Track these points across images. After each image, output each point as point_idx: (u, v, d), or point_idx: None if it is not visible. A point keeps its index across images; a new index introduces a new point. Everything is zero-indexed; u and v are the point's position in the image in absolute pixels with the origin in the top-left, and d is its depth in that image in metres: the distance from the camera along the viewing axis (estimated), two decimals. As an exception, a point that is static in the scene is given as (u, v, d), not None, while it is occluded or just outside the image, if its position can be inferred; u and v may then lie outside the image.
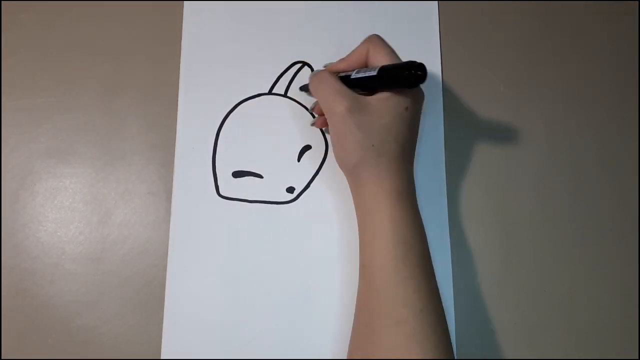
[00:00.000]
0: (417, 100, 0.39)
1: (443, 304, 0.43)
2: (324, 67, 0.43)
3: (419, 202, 0.45)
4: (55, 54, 0.47)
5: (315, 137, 0.46)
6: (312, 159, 0.46)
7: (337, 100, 0.38)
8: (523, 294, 0.45)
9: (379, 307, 0.36)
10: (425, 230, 0.45)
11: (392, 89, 0.38)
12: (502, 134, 0.47)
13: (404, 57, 0.48)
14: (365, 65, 0.40)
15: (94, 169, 0.45)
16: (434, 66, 0.48)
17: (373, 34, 0.41)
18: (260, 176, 0.45)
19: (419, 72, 0.35)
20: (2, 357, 0.41)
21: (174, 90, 0.46)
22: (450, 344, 0.36)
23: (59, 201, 0.44)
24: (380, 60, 0.39)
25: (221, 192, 0.44)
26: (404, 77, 0.35)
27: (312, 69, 0.47)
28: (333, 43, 0.48)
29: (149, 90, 0.46)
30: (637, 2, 0.51)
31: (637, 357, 0.44)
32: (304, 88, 0.46)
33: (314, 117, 0.47)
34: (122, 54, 0.47)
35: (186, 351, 0.42)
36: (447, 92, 0.48)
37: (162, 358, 0.41)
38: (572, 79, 0.49)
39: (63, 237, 0.44)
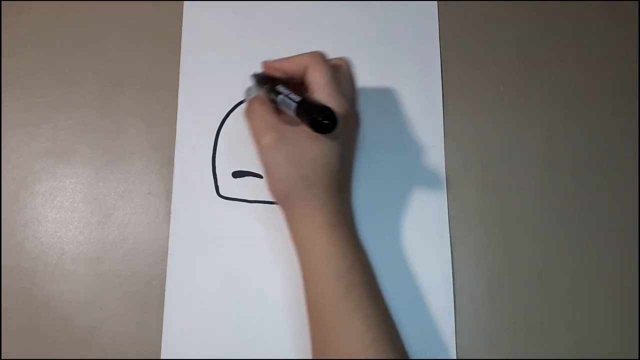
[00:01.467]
0: (349, 128, 0.38)
1: (443, 304, 0.43)
2: (262, 63, 0.41)
3: (418, 202, 0.45)
4: (55, 54, 0.47)
5: (315, 137, 0.46)
6: (312, 159, 0.46)
7: (264, 133, 0.37)
8: (523, 294, 0.44)
9: (330, 344, 0.35)
10: (424, 231, 0.45)
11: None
12: (502, 134, 0.47)
13: (404, 57, 0.48)
14: (302, 77, 0.38)
15: (94, 169, 0.45)
16: (434, 66, 0.48)
17: (317, 52, 0.39)
18: (260, 176, 0.45)
19: (326, 121, 0.33)
20: (2, 357, 0.41)
21: (174, 90, 0.46)
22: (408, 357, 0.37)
23: (59, 201, 0.44)
24: (316, 83, 0.37)
25: (221, 192, 0.44)
26: (311, 120, 0.34)
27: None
28: (333, 43, 0.48)
29: (149, 90, 0.46)
30: (637, 2, 0.51)
31: (637, 357, 0.44)
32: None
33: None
34: (122, 53, 0.47)
35: (186, 351, 0.42)
36: (447, 92, 0.48)
37: (162, 358, 0.41)
38: (572, 79, 0.49)
39: (63, 237, 0.44)
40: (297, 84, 0.39)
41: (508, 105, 0.48)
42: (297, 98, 0.36)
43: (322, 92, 0.37)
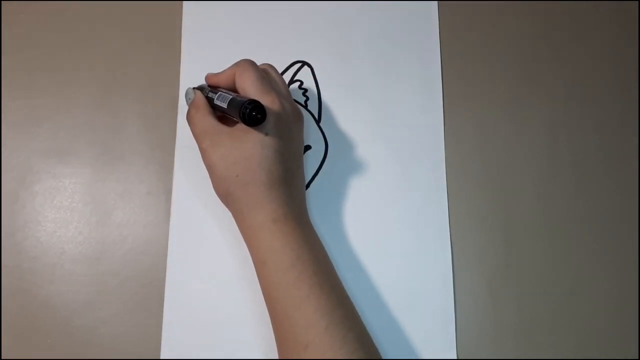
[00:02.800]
0: (283, 122, 0.38)
1: (443, 304, 0.43)
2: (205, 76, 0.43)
3: (418, 202, 0.45)
4: (55, 54, 0.47)
5: (315, 137, 0.46)
6: (312, 159, 0.46)
7: (202, 136, 0.39)
8: (523, 294, 0.44)
9: (286, 335, 0.36)
10: (424, 231, 0.45)
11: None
12: (502, 134, 0.47)
13: (404, 57, 0.48)
14: (234, 86, 0.40)
15: (93, 168, 0.45)
16: (434, 66, 0.48)
17: (243, 59, 0.40)
18: (260, 176, 0.45)
19: (254, 113, 0.35)
20: (2, 357, 0.41)
21: (174, 90, 0.46)
22: (371, 342, 0.37)
23: (58, 201, 0.44)
24: (244, 86, 0.39)
25: (221, 192, 0.44)
26: (240, 114, 0.35)
27: (311, 69, 0.47)
28: (333, 43, 0.48)
29: (149, 90, 0.46)
30: (637, 2, 0.51)
31: (637, 357, 0.44)
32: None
33: (314, 117, 0.47)
34: (122, 54, 0.47)
35: (186, 351, 0.41)
36: (447, 92, 0.48)
37: (161, 358, 0.41)
38: (572, 79, 0.49)
39: (62, 237, 0.44)
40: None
41: (508, 105, 0.48)
42: (232, 94, 0.38)
43: (250, 90, 0.38)
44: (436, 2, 0.50)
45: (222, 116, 0.40)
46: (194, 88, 0.43)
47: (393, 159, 0.46)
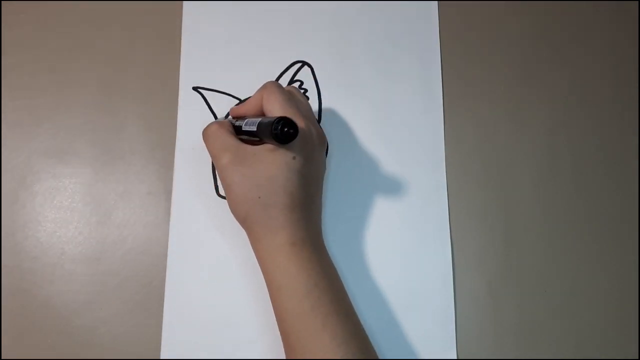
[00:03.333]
0: (309, 146, 0.38)
1: (443, 304, 0.43)
2: (230, 109, 0.43)
3: (418, 202, 0.45)
4: (55, 54, 0.47)
5: (315, 137, 0.46)
6: (312, 159, 0.46)
7: (222, 153, 0.38)
8: (523, 294, 0.44)
9: None
10: (424, 231, 0.45)
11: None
12: (502, 134, 0.47)
13: (404, 57, 0.48)
14: (262, 112, 0.39)
15: (93, 168, 0.45)
16: (434, 66, 0.48)
17: (269, 82, 0.40)
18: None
19: (286, 129, 0.34)
20: (2, 357, 0.41)
21: (174, 90, 0.46)
22: None
23: (58, 201, 0.44)
24: (272, 108, 0.38)
25: (221, 192, 0.44)
26: (272, 131, 0.34)
27: (311, 69, 0.47)
28: (333, 43, 0.48)
29: (149, 90, 0.46)
30: (637, 2, 0.51)
31: (637, 357, 0.44)
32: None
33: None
34: (122, 54, 0.47)
35: (186, 351, 0.41)
36: (447, 92, 0.48)
37: (161, 358, 0.41)
38: (572, 79, 0.49)
39: (62, 237, 0.44)
40: None
41: (508, 105, 0.48)
42: (259, 119, 0.37)
43: (278, 112, 0.38)
44: (436, 2, 0.50)
45: (245, 140, 0.39)
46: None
47: (393, 159, 0.46)
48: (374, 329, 0.42)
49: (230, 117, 0.43)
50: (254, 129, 0.37)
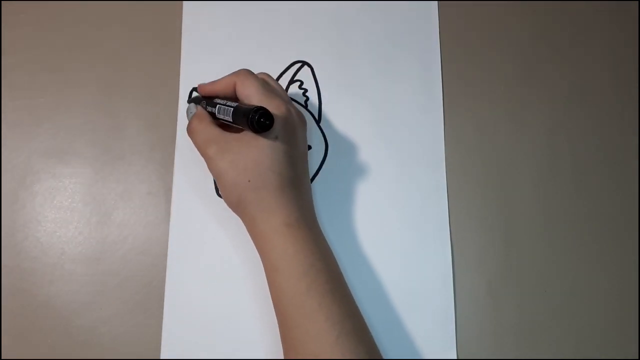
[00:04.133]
0: (290, 126, 0.38)
1: (443, 304, 0.43)
2: (195, 87, 0.44)
3: (418, 202, 0.45)
4: (55, 54, 0.47)
5: (315, 137, 0.46)
6: (312, 159, 0.46)
7: (207, 145, 0.38)
8: (523, 294, 0.44)
9: (295, 344, 0.35)
10: (424, 231, 0.45)
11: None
12: (502, 134, 0.47)
13: (404, 57, 0.48)
14: (234, 96, 0.40)
15: (93, 168, 0.45)
16: (434, 66, 0.48)
17: (242, 69, 0.40)
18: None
19: (262, 120, 0.35)
20: (2, 357, 0.41)
21: (174, 90, 0.46)
22: (380, 355, 0.37)
23: (58, 201, 0.44)
24: (249, 93, 0.38)
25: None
26: (248, 121, 0.35)
27: (311, 69, 0.47)
28: (333, 43, 0.48)
29: (149, 90, 0.46)
30: (637, 2, 0.51)
31: (637, 357, 0.44)
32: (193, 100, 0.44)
33: (314, 117, 0.47)
34: (122, 54, 0.47)
35: (186, 351, 0.41)
36: (447, 92, 0.48)
37: (161, 358, 0.41)
38: (572, 79, 0.49)
39: (62, 237, 0.44)
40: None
41: (508, 105, 0.48)
42: (233, 104, 0.37)
43: (254, 97, 0.38)
44: (436, 2, 0.50)
45: (224, 125, 0.40)
46: (190, 102, 0.43)
47: (393, 159, 0.46)
48: (375, 328, 0.42)
49: (197, 98, 0.43)
50: (229, 118, 0.37)
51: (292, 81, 0.47)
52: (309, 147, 0.46)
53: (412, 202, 0.45)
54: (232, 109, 0.37)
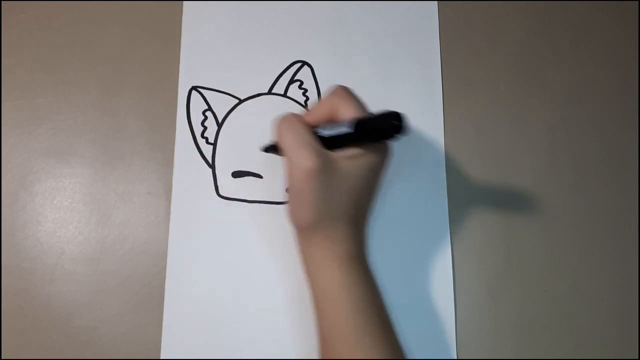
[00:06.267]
0: (383, 161, 0.37)
1: (443, 304, 0.43)
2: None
3: (418, 202, 0.45)
4: (55, 54, 0.47)
5: (315, 137, 0.46)
6: (312, 159, 0.46)
7: (305, 155, 0.34)
8: (523, 294, 0.44)
9: None
10: (424, 231, 0.45)
11: (362, 147, 0.35)
12: (502, 134, 0.47)
13: (404, 57, 0.48)
14: (333, 120, 0.37)
15: (93, 169, 0.45)
16: (434, 66, 0.48)
17: (338, 86, 0.37)
18: (260, 176, 0.45)
19: (397, 122, 0.32)
20: (2, 357, 0.41)
21: (174, 90, 0.46)
22: None
23: (58, 201, 0.44)
24: (349, 113, 0.35)
25: (221, 192, 0.44)
26: (386, 128, 0.32)
27: (311, 69, 0.47)
28: (333, 43, 0.48)
29: (149, 90, 0.46)
30: (637, 2, 0.51)
31: (637, 357, 0.44)
32: (269, 149, 0.42)
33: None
34: (122, 54, 0.47)
35: (186, 351, 0.41)
36: (447, 91, 0.48)
37: (162, 358, 0.41)
38: (572, 79, 0.49)
39: (62, 237, 0.44)
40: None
41: (508, 105, 0.48)
42: (347, 125, 0.34)
43: (357, 115, 0.35)
44: (436, 2, 0.50)
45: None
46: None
47: (393, 159, 0.46)
48: (374, 329, 0.42)
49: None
50: (348, 129, 0.34)
51: (292, 81, 0.47)
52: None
53: (412, 202, 0.45)
54: (349, 125, 0.34)
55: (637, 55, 0.50)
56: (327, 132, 0.36)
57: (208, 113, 0.46)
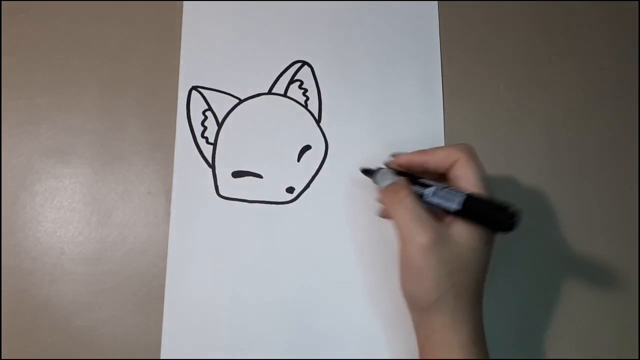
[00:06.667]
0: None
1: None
2: (391, 156, 0.39)
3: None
4: (55, 54, 0.47)
5: (315, 137, 0.46)
6: (312, 159, 0.46)
7: (418, 231, 0.33)
8: (523, 294, 0.44)
9: None
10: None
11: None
12: (502, 134, 0.47)
13: (404, 57, 0.48)
14: (444, 173, 0.36)
15: (93, 169, 0.45)
16: (434, 66, 0.48)
17: (466, 144, 0.36)
18: (260, 176, 0.45)
19: (512, 219, 0.30)
20: (2, 357, 0.41)
21: (174, 90, 0.46)
22: None
23: (58, 201, 0.44)
24: (467, 179, 0.34)
25: (221, 192, 0.44)
26: (495, 221, 0.31)
27: (311, 68, 0.47)
28: (333, 43, 0.48)
29: (149, 90, 0.46)
30: (637, 2, 0.51)
31: (637, 357, 0.44)
32: (370, 174, 0.41)
33: (314, 117, 0.46)
34: (122, 54, 0.47)
35: (186, 351, 0.41)
36: (447, 91, 0.48)
37: (161, 358, 0.41)
38: (572, 79, 0.49)
39: (62, 237, 0.44)
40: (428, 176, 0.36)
41: (508, 105, 0.48)
42: (462, 191, 0.34)
43: (473, 185, 0.35)
44: (436, 2, 0.50)
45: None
46: (384, 170, 0.39)
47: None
48: (374, 328, 0.42)
49: (389, 166, 0.40)
50: (456, 206, 0.33)
51: (292, 81, 0.47)
52: (309, 147, 0.46)
53: (412, 202, 0.45)
54: (464, 195, 0.33)
55: (637, 55, 0.50)
56: (435, 200, 0.34)
57: (208, 113, 0.46)
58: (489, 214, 0.31)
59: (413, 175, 0.38)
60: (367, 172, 0.42)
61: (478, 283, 0.34)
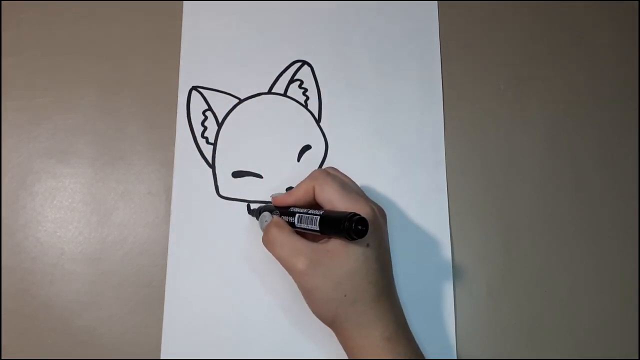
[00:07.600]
0: (378, 228, 0.36)
1: (443, 304, 0.43)
2: (271, 197, 0.41)
3: (419, 202, 0.45)
4: (55, 54, 0.47)
5: (315, 137, 0.46)
6: (312, 159, 0.46)
7: (295, 258, 0.35)
8: (523, 294, 0.44)
9: None
10: (424, 231, 0.45)
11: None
12: (502, 134, 0.47)
13: (404, 57, 0.48)
14: (314, 201, 0.37)
15: (93, 169, 0.45)
16: (434, 66, 0.48)
17: (316, 170, 0.38)
18: (260, 176, 0.45)
19: (359, 227, 0.32)
20: (2, 357, 0.41)
21: (174, 90, 0.46)
22: None
23: (58, 201, 0.44)
24: (331, 198, 0.36)
25: (221, 192, 0.44)
26: (344, 229, 0.32)
27: (311, 68, 0.47)
28: (333, 42, 0.48)
29: (149, 90, 0.46)
30: (637, 2, 0.51)
31: (637, 357, 0.44)
32: (254, 215, 0.43)
33: (314, 117, 0.47)
34: (122, 54, 0.47)
35: (186, 351, 0.41)
36: (447, 92, 0.48)
37: (162, 358, 0.41)
38: (572, 79, 0.49)
39: (62, 237, 0.44)
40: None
41: (508, 105, 0.48)
42: (318, 212, 0.35)
43: (339, 202, 0.36)
44: (436, 2, 0.50)
45: (302, 234, 0.37)
46: (262, 211, 0.41)
47: (393, 159, 0.46)
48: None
49: (268, 207, 0.41)
50: (315, 227, 0.35)
51: (292, 81, 0.47)
52: (309, 147, 0.46)
53: (412, 202, 0.45)
54: (317, 217, 0.35)
55: (637, 55, 0.50)
56: (302, 226, 0.36)
57: (208, 113, 0.46)
58: (339, 227, 0.33)
59: (287, 207, 0.39)
60: (251, 212, 0.43)
61: (375, 284, 0.35)
